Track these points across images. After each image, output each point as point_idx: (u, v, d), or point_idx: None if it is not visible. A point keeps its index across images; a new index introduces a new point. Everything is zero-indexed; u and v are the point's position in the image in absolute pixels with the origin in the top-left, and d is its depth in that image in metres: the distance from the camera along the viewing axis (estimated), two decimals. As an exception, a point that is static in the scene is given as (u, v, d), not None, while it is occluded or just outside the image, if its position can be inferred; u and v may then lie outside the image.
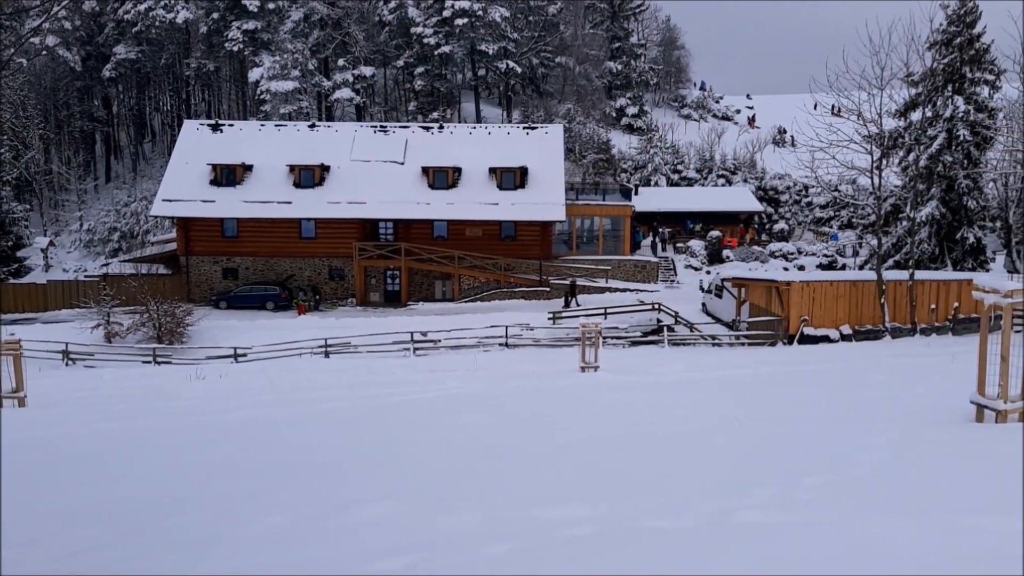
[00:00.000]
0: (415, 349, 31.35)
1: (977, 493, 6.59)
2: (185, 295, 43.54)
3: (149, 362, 32.48)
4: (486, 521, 6.36)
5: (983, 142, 38.39)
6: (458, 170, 45.61)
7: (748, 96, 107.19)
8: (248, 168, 45.55)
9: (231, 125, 50.16)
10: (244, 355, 31.75)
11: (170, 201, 44.56)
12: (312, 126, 49.68)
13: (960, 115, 37.44)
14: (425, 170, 45.38)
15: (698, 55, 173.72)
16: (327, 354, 31.45)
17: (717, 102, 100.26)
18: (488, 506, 6.86)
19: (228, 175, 45.07)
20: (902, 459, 8.25)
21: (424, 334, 32.62)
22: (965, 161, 37.75)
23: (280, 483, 8.12)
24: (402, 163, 46.31)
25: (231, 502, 7.33)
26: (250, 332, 35.66)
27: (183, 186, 44.94)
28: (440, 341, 32.22)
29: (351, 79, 68.37)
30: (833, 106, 36.28)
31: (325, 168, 45.50)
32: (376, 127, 49.83)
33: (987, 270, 38.89)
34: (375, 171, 45.83)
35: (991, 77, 38.69)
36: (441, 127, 50.04)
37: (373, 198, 44.37)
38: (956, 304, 32.07)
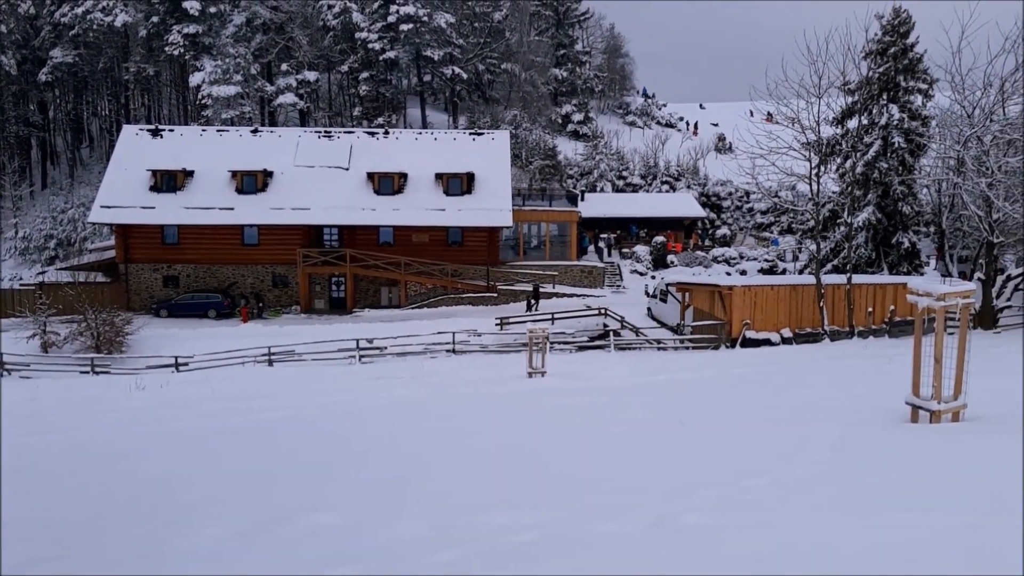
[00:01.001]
0: (361, 357, 31.05)
1: (912, 491, 6.76)
2: (125, 303, 42.47)
3: (87, 372, 31.60)
4: (432, 528, 6.33)
5: (917, 149, 39.44)
6: (404, 176, 45.37)
7: (702, 106, 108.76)
8: (189, 174, 44.70)
9: (171, 130, 49.13)
10: (186, 364, 31.08)
11: (109, 208, 43.48)
12: (255, 131, 48.96)
13: (895, 123, 38.43)
14: (370, 176, 45.06)
15: (642, 63, 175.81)
16: (271, 362, 30.98)
17: (660, 109, 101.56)
18: (434, 513, 6.83)
19: (168, 181, 44.18)
20: (841, 459, 8.42)
21: (370, 341, 32.33)
22: (900, 168, 38.74)
23: (223, 494, 7.98)
24: (347, 169, 45.92)
25: (174, 514, 7.19)
26: (192, 341, 34.96)
27: (122, 192, 43.90)
28: (386, 348, 31.96)
29: (295, 84, 67.61)
30: (769, 113, 36.90)
31: (268, 174, 44.89)
32: (320, 132, 49.34)
33: (922, 274, 39.95)
34: (319, 177, 45.35)
35: (924, 86, 39.78)
36: (387, 132, 49.75)
37: (317, 204, 43.88)
38: (892, 307, 32.89)
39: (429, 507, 7.08)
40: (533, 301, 41.14)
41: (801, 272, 46.27)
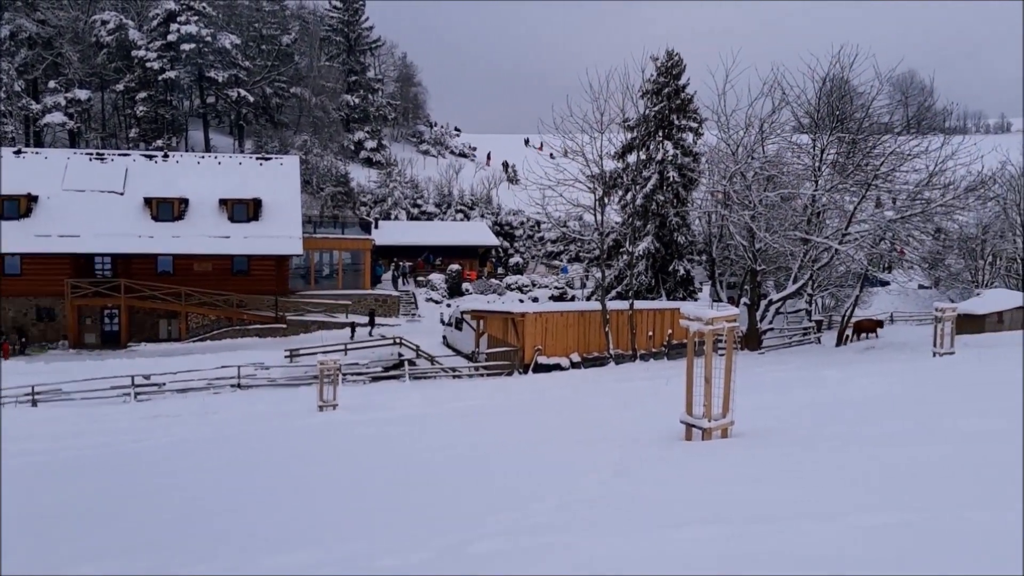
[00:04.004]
0: (137, 394, 28.98)
1: (686, 506, 7.09)
2: None
3: None
4: (215, 573, 5.94)
5: (689, 183, 42.50)
6: (185, 201, 43.10)
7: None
8: (-63, 197, 40.19)
9: (-83, 148, 44.08)
10: (-70, 408, 27.71)
11: None
12: (18, 152, 44.80)
13: (670, 158, 41.20)
14: (148, 201, 42.42)
15: (435, 93, 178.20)
16: (35, 402, 28.25)
17: (454, 136, 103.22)
18: (216, 556, 6.44)
19: (-86, 205, 39.52)
20: (623, 479, 8.73)
21: (147, 377, 30.25)
22: (675, 200, 41.53)
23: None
24: (122, 193, 42.99)
25: None
26: (-61, 381, 31.21)
27: None
28: (165, 384, 30.04)
29: (64, 103, 62.78)
30: (541, 145, 38.37)
31: (32, 198, 41.14)
32: (92, 154, 45.92)
33: (695, 299, 42.88)
34: (91, 202, 42.13)
35: (695, 125, 43.01)
36: (166, 156, 47.12)
37: (88, 231, 40.69)
38: (670, 331, 35.01)
39: (212, 549, 6.66)
40: (371, 327, 40.66)
41: (588, 299, 48.30)
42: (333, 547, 6.54)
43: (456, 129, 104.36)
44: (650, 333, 35.11)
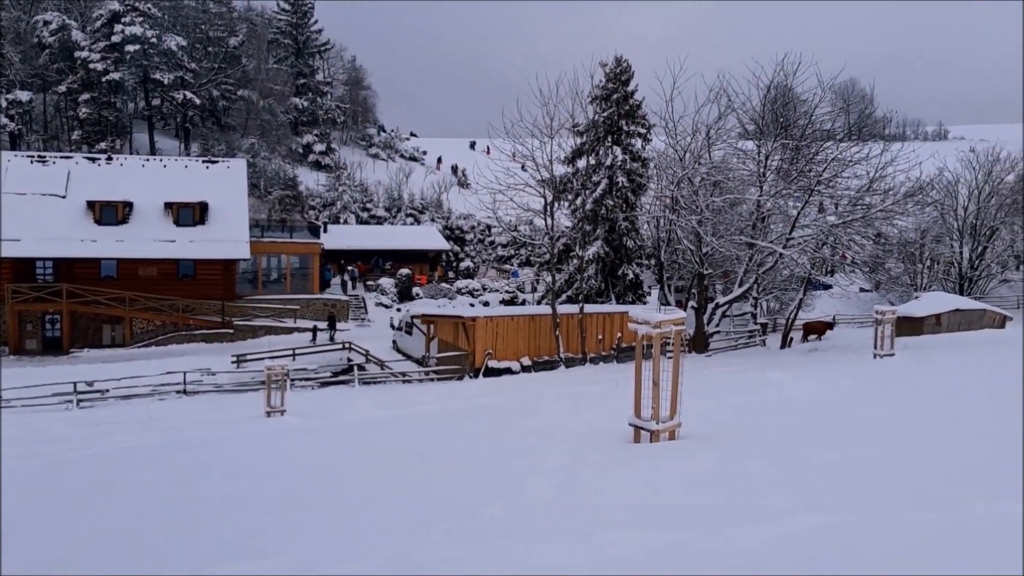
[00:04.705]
0: (79, 401, 28.29)
1: (633, 509, 7.17)
2: None
3: None
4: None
5: (638, 188, 42.93)
6: (129, 205, 42.27)
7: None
8: None
9: None
10: None
11: None
12: (-48, 153, 43.58)
13: (619, 164, 41.57)
14: (91, 204, 41.53)
15: (385, 96, 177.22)
16: (-31, 412, 27.41)
17: (405, 141, 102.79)
18: (162, 566, 6.33)
19: None
20: (571, 482, 8.79)
21: (90, 384, 29.58)
22: (624, 205, 41.91)
23: None
24: (64, 196, 42.02)
25: None
26: None
27: None
28: (108, 391, 29.39)
29: (4, 104, 61.12)
30: (488, 149, 38.42)
31: (-31, 201, 40.03)
32: (33, 157, 44.82)
33: (644, 303, 43.31)
34: (31, 205, 41.08)
35: (643, 130, 43.47)
36: (110, 158, 46.19)
37: (29, 235, 39.67)
38: (619, 334, 35.29)
39: (156, 560, 6.55)
40: (332, 330, 40.25)
41: (539, 303, 48.44)
42: (276, 558, 6.46)
43: (412, 134, 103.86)
44: (600, 336, 35.37)
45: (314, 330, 40.30)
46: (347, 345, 35.94)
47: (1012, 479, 6.75)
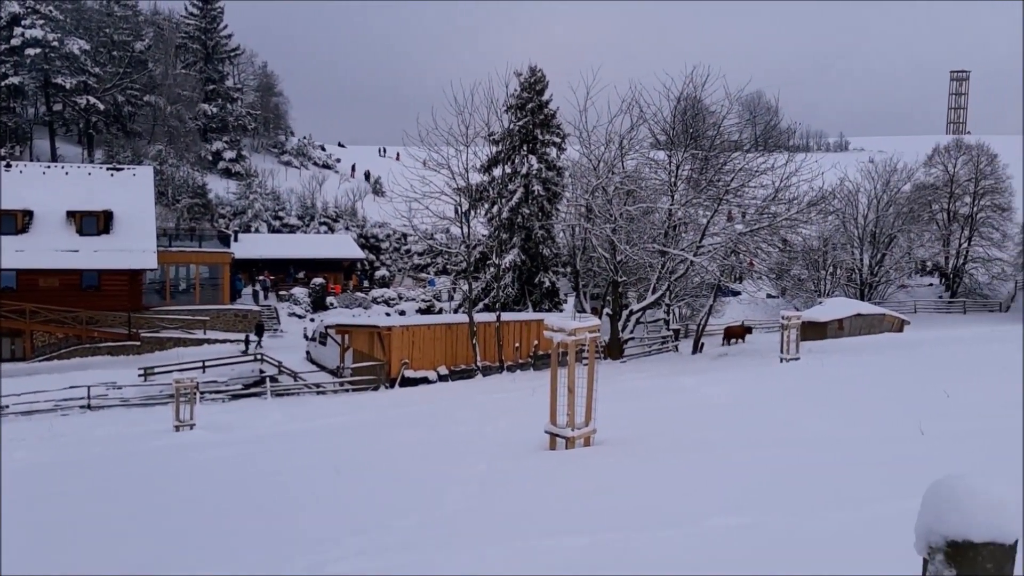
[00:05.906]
0: (-27, 419, 26.92)
1: (548, 516, 7.19)
2: None
3: None
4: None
5: (553, 197, 43.31)
6: (29, 213, 40.48)
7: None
8: None
9: None
10: None
11: None
12: None
13: (535, 172, 41.88)
14: (-13, 213, 39.66)
15: (297, 103, 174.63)
16: None
17: (320, 149, 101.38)
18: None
19: None
20: (487, 491, 8.77)
21: (-15, 400, 28.18)
22: (540, 213, 42.24)
23: None
24: (-44, 204, 40.00)
25: None
26: None
27: None
28: (8, 407, 28.05)
29: None
30: (398, 155, 38.30)
31: None
32: (-79, 162, 42.55)
33: (560, 310, 43.65)
34: (-78, 214, 39.00)
35: (558, 140, 43.91)
36: (8, 166, 44.14)
37: (-83, 244, 37.65)
38: (536, 342, 35.46)
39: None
40: (256, 337, 39.19)
41: (456, 311, 48.34)
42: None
43: (340, 144, 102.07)
44: (517, 345, 35.48)
45: (247, 340, 39.44)
46: (259, 356, 35.16)
47: (913, 477, 7.02)
